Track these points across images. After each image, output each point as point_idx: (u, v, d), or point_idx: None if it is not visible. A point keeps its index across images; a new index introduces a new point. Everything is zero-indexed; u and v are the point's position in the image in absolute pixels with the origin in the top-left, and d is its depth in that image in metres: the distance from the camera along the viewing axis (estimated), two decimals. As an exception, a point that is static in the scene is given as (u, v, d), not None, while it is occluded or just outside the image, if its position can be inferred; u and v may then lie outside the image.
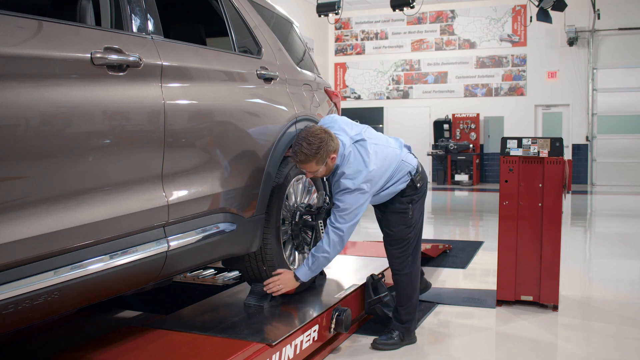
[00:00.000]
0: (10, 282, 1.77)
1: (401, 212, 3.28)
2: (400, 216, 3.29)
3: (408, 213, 3.28)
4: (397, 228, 3.30)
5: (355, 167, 3.04)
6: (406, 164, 3.25)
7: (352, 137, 3.12)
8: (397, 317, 3.38)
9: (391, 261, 3.38)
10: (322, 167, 3.00)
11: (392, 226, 3.31)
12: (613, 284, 4.91)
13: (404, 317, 3.36)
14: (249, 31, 3.25)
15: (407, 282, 3.36)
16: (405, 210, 3.28)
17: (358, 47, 15.80)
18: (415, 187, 3.27)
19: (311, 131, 2.97)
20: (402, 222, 3.29)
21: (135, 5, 2.36)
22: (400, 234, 3.30)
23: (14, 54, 1.76)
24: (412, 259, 3.36)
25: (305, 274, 3.10)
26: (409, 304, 3.37)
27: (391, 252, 3.36)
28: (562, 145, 3.92)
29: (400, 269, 3.35)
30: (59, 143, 1.90)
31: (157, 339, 2.65)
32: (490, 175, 14.63)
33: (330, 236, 3.02)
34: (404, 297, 3.37)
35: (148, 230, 2.30)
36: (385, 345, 3.28)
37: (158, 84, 2.33)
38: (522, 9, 14.26)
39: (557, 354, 3.33)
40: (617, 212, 10.14)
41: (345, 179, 3.03)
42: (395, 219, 3.30)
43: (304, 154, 2.92)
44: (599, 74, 13.93)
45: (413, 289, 3.39)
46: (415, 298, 3.41)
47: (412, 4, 10.30)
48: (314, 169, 3.01)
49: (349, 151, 3.06)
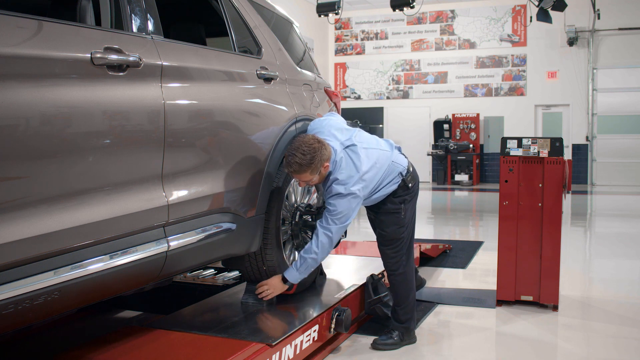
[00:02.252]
0: (10, 282, 1.77)
1: (393, 212, 3.29)
2: (393, 216, 3.29)
3: (400, 213, 3.29)
4: (390, 228, 3.31)
5: (347, 172, 3.04)
6: (397, 164, 3.25)
7: (342, 143, 3.12)
8: (396, 317, 3.38)
9: (385, 261, 3.39)
10: (316, 175, 3.01)
11: (385, 227, 3.32)
12: (613, 284, 4.91)
13: (402, 316, 3.37)
14: (249, 31, 3.25)
15: (403, 281, 3.36)
16: (397, 211, 3.28)
17: (358, 47, 15.80)
18: (407, 187, 3.28)
19: (304, 141, 2.95)
20: (395, 222, 3.30)
21: (135, 5, 2.36)
22: (394, 234, 3.31)
23: (14, 54, 1.76)
24: (406, 259, 3.37)
25: (294, 276, 3.09)
26: (406, 303, 3.37)
27: (385, 252, 3.37)
28: (562, 145, 3.92)
29: (395, 268, 3.35)
30: (59, 143, 1.90)
31: (157, 339, 2.65)
32: (490, 175, 14.63)
33: (320, 237, 3.02)
34: (401, 296, 3.37)
35: (148, 230, 2.30)
36: (385, 345, 3.28)
37: (158, 84, 2.33)
38: (522, 9, 14.26)
39: (557, 354, 3.33)
40: (617, 212, 10.14)
41: (337, 184, 3.03)
42: (387, 220, 3.30)
43: (298, 164, 2.91)
44: (599, 74, 13.93)
45: (409, 288, 3.39)
46: (412, 297, 3.41)
47: (412, 4, 10.30)
48: (307, 179, 3.00)
49: (340, 157, 3.06)
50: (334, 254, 4.58)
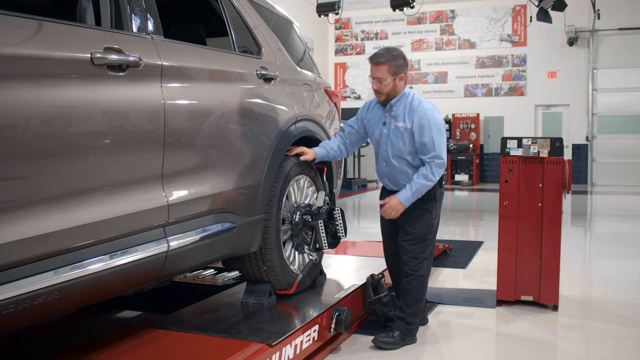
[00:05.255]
0: (10, 282, 1.77)
1: (426, 209, 3.27)
2: (425, 214, 3.27)
3: (432, 212, 3.28)
4: (420, 227, 3.27)
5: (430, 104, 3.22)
6: None
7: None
8: (402, 317, 3.32)
9: (407, 261, 3.30)
10: (391, 80, 3.15)
11: (415, 224, 3.27)
12: (613, 284, 4.91)
13: (410, 319, 3.32)
14: (249, 31, 3.25)
15: (420, 284, 3.33)
16: (430, 209, 3.28)
17: (358, 47, 15.80)
18: (440, 184, 3.32)
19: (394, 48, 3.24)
20: (426, 220, 3.27)
21: (135, 5, 2.36)
22: (423, 233, 3.28)
23: (14, 54, 1.76)
24: (428, 262, 3.35)
25: (407, 199, 3.16)
26: (418, 307, 3.34)
27: (410, 252, 3.29)
28: (562, 145, 3.92)
29: (417, 270, 3.29)
30: (59, 143, 1.91)
31: (157, 339, 2.65)
32: (490, 175, 14.63)
33: (433, 168, 3.13)
34: (414, 299, 3.31)
35: (148, 230, 2.30)
36: (385, 344, 3.26)
37: (158, 84, 2.33)
38: (522, 9, 14.26)
39: (557, 354, 3.33)
40: (617, 212, 10.14)
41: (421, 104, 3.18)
42: (418, 216, 3.26)
43: (381, 54, 3.15)
44: (599, 74, 13.93)
45: (423, 291, 3.37)
46: (423, 301, 3.40)
47: (412, 4, 10.30)
48: (384, 75, 3.13)
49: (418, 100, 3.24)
50: (333, 254, 4.58)
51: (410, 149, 3.21)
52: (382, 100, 3.28)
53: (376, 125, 3.34)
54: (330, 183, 3.82)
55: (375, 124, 3.35)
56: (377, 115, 3.35)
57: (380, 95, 3.24)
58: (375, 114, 3.36)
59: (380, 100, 3.27)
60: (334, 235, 3.45)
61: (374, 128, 3.36)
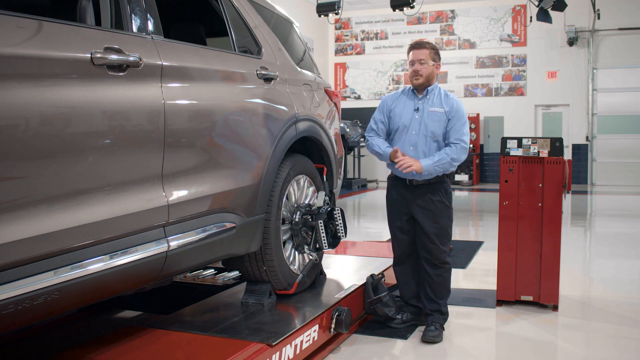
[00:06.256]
0: (10, 282, 1.77)
1: (447, 205, 3.50)
2: (446, 209, 3.50)
3: (450, 207, 3.53)
4: (444, 221, 3.49)
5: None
6: None
7: None
8: (437, 309, 3.50)
9: (436, 256, 3.48)
10: (431, 64, 3.43)
11: (439, 219, 3.47)
12: (613, 284, 4.91)
13: (444, 308, 3.53)
14: (249, 31, 3.25)
15: (449, 274, 3.56)
16: (449, 204, 3.52)
17: (358, 47, 15.81)
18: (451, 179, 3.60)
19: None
20: (447, 215, 3.51)
21: (135, 5, 2.36)
22: (447, 226, 3.51)
23: (14, 54, 1.76)
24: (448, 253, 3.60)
25: (429, 167, 3.33)
26: (449, 296, 3.58)
27: (437, 245, 3.47)
28: (562, 145, 3.92)
29: (446, 261, 3.51)
30: (59, 143, 1.90)
31: (157, 339, 2.65)
32: (490, 175, 14.63)
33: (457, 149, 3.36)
34: (446, 289, 3.55)
35: (148, 230, 2.30)
36: (435, 337, 3.39)
37: (158, 84, 2.33)
38: (522, 9, 14.26)
39: (557, 354, 3.33)
40: (617, 212, 10.14)
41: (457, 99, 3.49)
42: (441, 211, 3.47)
43: (424, 42, 3.53)
44: (599, 74, 13.93)
45: (450, 281, 3.61)
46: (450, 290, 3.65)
47: (412, 4, 10.30)
48: (425, 58, 3.42)
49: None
50: (333, 254, 4.58)
51: (443, 132, 3.43)
52: (419, 83, 3.47)
53: (405, 112, 3.50)
54: (331, 183, 3.82)
55: (403, 111, 3.51)
56: (407, 103, 3.52)
57: (419, 77, 3.45)
58: (404, 102, 3.54)
59: (418, 83, 3.46)
60: (334, 235, 3.46)
61: (401, 115, 3.50)
